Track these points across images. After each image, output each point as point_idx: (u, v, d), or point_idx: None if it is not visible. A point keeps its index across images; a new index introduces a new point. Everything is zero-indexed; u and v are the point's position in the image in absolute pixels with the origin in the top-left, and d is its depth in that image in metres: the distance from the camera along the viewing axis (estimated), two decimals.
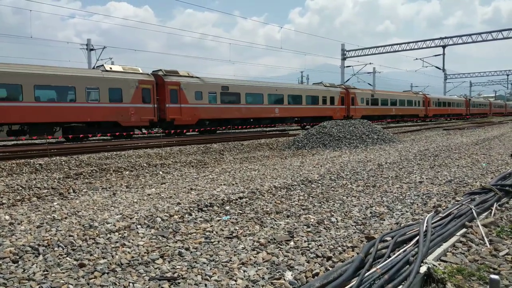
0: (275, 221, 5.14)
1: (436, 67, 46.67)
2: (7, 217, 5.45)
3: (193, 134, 24.62)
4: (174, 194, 6.83)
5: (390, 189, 7.06)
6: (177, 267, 3.65)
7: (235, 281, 3.36)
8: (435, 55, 45.32)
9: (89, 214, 5.53)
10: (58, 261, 3.80)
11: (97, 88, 18.89)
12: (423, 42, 44.30)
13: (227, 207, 5.82)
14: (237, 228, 4.82)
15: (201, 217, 5.31)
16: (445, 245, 3.71)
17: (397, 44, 45.95)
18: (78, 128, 19.04)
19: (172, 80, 21.88)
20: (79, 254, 3.95)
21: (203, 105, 23.18)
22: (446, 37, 43.12)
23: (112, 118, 19.53)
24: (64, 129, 18.87)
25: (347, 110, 34.82)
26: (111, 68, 20.37)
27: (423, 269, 3.03)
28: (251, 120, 26.72)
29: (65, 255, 3.94)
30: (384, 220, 5.12)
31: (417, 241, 3.47)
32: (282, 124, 29.61)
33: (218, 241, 4.36)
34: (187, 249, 4.11)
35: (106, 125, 19.62)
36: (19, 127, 17.41)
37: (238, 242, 4.33)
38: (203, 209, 5.69)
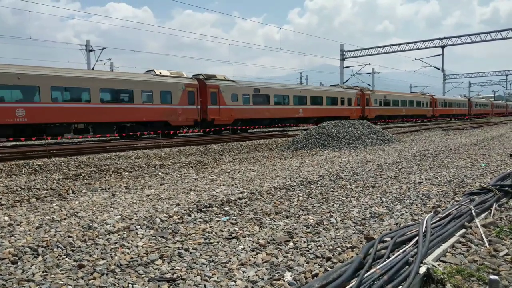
0: (275, 221, 5.14)
1: (435, 67, 46.78)
2: (6, 218, 5.45)
3: (193, 134, 24.67)
4: (174, 195, 6.83)
5: (390, 189, 7.07)
6: (177, 268, 3.65)
7: (235, 282, 3.36)
8: (434, 56, 45.42)
9: (88, 215, 5.52)
10: (57, 262, 3.79)
11: (150, 91, 21.03)
12: (422, 43, 44.36)
13: (227, 208, 5.81)
14: (237, 228, 4.82)
15: (200, 218, 5.31)
16: (445, 246, 3.71)
17: (396, 44, 46.02)
18: (132, 127, 21.05)
19: (212, 83, 24.06)
20: (78, 255, 3.95)
21: (238, 106, 25.36)
22: (445, 38, 43.20)
23: (163, 118, 21.65)
24: (120, 128, 20.77)
25: (363, 110, 36.91)
26: (160, 72, 22.25)
27: (422, 269, 3.03)
28: (278, 119, 28.78)
29: (64, 256, 3.93)
30: (384, 220, 5.12)
31: (417, 242, 3.47)
32: (306, 124, 31.26)
33: (218, 242, 4.35)
34: (186, 249, 4.11)
35: (158, 124, 21.61)
36: (84, 126, 19.39)
37: (237, 243, 4.33)
38: (203, 209, 5.68)
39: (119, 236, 4.54)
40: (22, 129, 17.44)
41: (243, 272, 3.55)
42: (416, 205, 5.87)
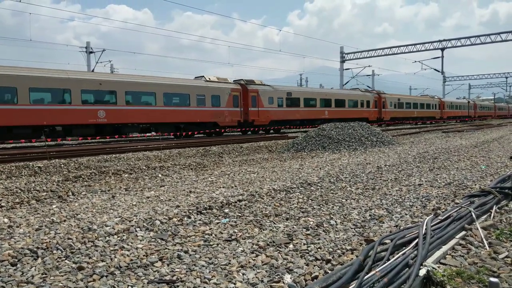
0: (274, 223, 5.13)
1: (435, 69, 46.82)
2: (6, 220, 5.44)
3: (193, 136, 24.68)
4: (173, 197, 6.83)
5: (390, 191, 7.06)
6: (176, 270, 3.65)
7: (234, 284, 3.35)
8: (434, 58, 45.47)
9: (88, 217, 5.52)
10: (57, 264, 3.79)
11: (203, 95, 23.99)
12: (422, 45, 44.43)
13: (226, 210, 5.81)
14: (236, 231, 4.81)
15: (200, 220, 5.30)
16: (445, 248, 3.71)
17: (396, 46, 46.10)
18: (186, 126, 23.71)
19: (252, 88, 27.16)
20: (78, 257, 3.94)
21: (274, 109, 28.43)
22: (445, 40, 43.27)
23: (213, 119, 24.56)
24: (175, 127, 23.37)
25: (379, 112, 40.00)
26: (210, 78, 25.20)
27: (422, 272, 3.02)
28: (306, 121, 31.72)
29: (64, 258, 3.93)
30: (384, 222, 5.12)
31: (417, 244, 3.47)
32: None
33: (217, 244, 4.35)
34: (186, 252, 4.11)
35: (208, 124, 24.52)
36: (148, 126, 22.04)
37: (237, 245, 4.32)
38: (202, 212, 5.68)
39: (118, 238, 4.54)
40: (102, 128, 20.06)
41: (243, 274, 3.54)
42: (416, 207, 5.87)
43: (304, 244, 4.30)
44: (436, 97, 55.98)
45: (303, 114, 30.77)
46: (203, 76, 25.31)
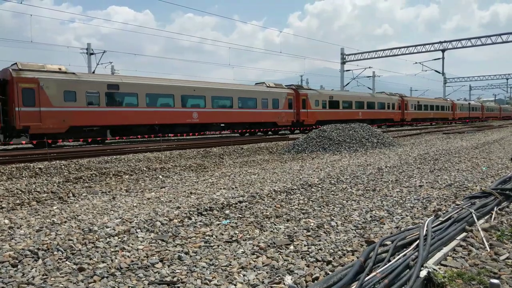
0: (275, 225, 5.13)
1: (436, 71, 46.79)
2: (6, 221, 5.44)
3: (193, 137, 24.71)
4: (174, 198, 6.83)
5: (390, 193, 7.06)
6: (177, 271, 3.65)
7: (235, 285, 3.35)
8: (435, 59, 45.46)
9: (89, 218, 5.52)
10: (58, 265, 3.79)
11: (266, 99, 28.48)
12: (422, 46, 44.42)
13: (227, 211, 5.81)
14: (237, 232, 4.81)
15: (200, 221, 5.30)
16: (445, 249, 3.71)
17: (396, 48, 46.11)
18: (251, 126, 27.81)
19: (302, 92, 31.71)
20: (78, 258, 3.94)
21: (319, 110, 32.84)
22: (445, 41, 43.26)
23: (273, 120, 28.95)
24: (245, 126, 27.66)
25: (402, 113, 44.61)
26: (269, 84, 29.89)
27: (423, 273, 3.02)
28: (344, 121, 35.41)
29: (65, 259, 3.93)
30: (384, 224, 5.11)
31: (417, 245, 3.47)
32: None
33: (218, 245, 4.35)
34: (186, 253, 4.10)
35: (269, 124, 28.61)
36: (225, 125, 26.27)
37: (237, 246, 4.32)
38: (203, 213, 5.68)
39: (119, 239, 4.54)
40: (194, 127, 24.02)
41: (244, 275, 3.54)
42: (417, 208, 5.87)
43: (304, 245, 4.30)
44: (448, 99, 60.50)
45: (341, 115, 34.74)
46: (264, 82, 30.06)
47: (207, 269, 3.69)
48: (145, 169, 10.73)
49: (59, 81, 18.31)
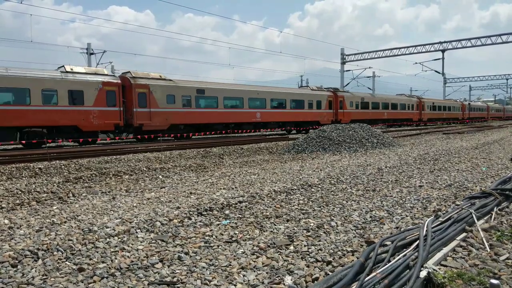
0: (275, 225, 5.13)
1: (436, 71, 46.80)
2: (6, 221, 5.44)
3: (193, 138, 24.75)
4: (174, 198, 6.83)
5: (390, 193, 7.06)
6: (177, 271, 3.64)
7: (235, 285, 3.35)
8: (435, 59, 45.46)
9: (89, 218, 5.52)
10: (57, 265, 3.79)
11: (311, 101, 32.45)
12: (422, 47, 44.42)
13: (227, 211, 5.81)
14: (237, 232, 4.81)
15: (200, 221, 5.30)
16: (445, 250, 3.71)
17: (396, 48, 46.13)
18: (297, 124, 31.19)
19: (340, 94, 36.06)
20: (78, 258, 3.94)
21: (353, 111, 37.00)
22: (445, 42, 43.27)
23: (317, 119, 32.53)
24: (295, 125, 31.01)
25: (420, 114, 48.54)
26: (313, 88, 34.90)
27: (423, 273, 3.02)
28: (373, 120, 40.06)
29: (64, 259, 3.93)
30: (384, 224, 5.11)
31: (417, 246, 3.47)
32: (388, 123, 43.31)
33: (218, 246, 4.35)
34: (186, 253, 4.10)
35: (313, 123, 31.65)
36: (280, 124, 29.70)
37: (237, 247, 4.32)
38: (203, 213, 5.68)
39: (119, 239, 4.54)
40: (257, 125, 27.97)
41: (243, 275, 3.54)
42: (417, 208, 5.87)
43: (304, 245, 4.30)
44: (458, 100, 64.61)
45: (370, 115, 39.42)
46: (308, 86, 36.30)
47: (207, 269, 3.69)
48: (145, 169, 10.73)
49: (163, 87, 22.19)
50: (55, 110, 18.17)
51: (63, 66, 19.70)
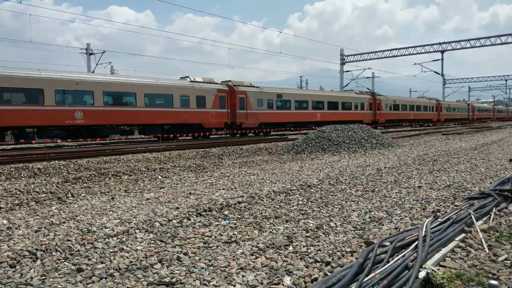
0: (274, 225, 5.13)
1: (435, 72, 46.86)
2: (5, 221, 5.44)
3: (192, 138, 24.80)
4: (173, 199, 6.82)
5: (389, 194, 7.06)
6: (176, 272, 3.64)
7: (234, 286, 3.35)
8: (434, 60, 45.51)
9: (88, 219, 5.51)
10: (56, 265, 3.78)
11: (357, 103, 37.58)
12: (421, 47, 44.47)
13: (226, 212, 5.81)
14: (236, 232, 4.81)
15: (199, 221, 5.30)
16: (444, 250, 3.71)
17: (396, 49, 46.17)
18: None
19: (378, 97, 40.68)
20: (77, 259, 3.94)
21: (387, 112, 42.05)
22: (444, 42, 43.31)
23: (360, 118, 37.28)
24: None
25: (438, 115, 53.77)
26: (356, 92, 39.98)
27: (422, 274, 3.02)
28: (401, 120, 45.48)
29: (63, 260, 3.92)
30: (383, 225, 5.11)
31: (416, 246, 3.47)
32: (415, 123, 48.24)
33: (217, 246, 4.35)
34: (185, 253, 4.10)
35: (357, 122, 34.86)
36: (317, 124, 31.63)
37: (236, 247, 4.32)
38: (202, 213, 5.68)
39: (118, 240, 4.54)
40: (318, 124, 31.00)
41: (243, 276, 3.54)
42: (416, 209, 5.87)
43: (303, 246, 4.30)
44: (467, 102, 70.32)
45: (401, 116, 44.82)
46: (352, 90, 40.97)
47: (206, 270, 3.69)
48: (144, 169, 10.72)
49: (255, 92, 27.51)
50: (188, 111, 23.17)
51: (188, 76, 24.61)
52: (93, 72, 31.64)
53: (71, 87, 18.51)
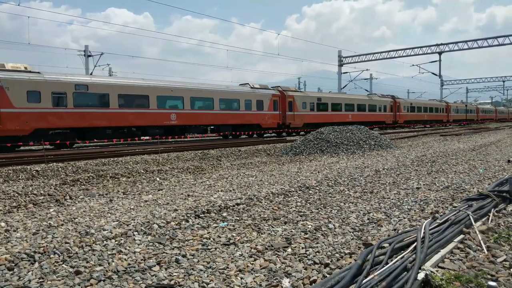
0: (273, 227, 5.12)
1: (433, 73, 47.01)
2: (2, 224, 5.41)
3: (191, 140, 24.78)
4: (171, 201, 6.81)
5: (388, 195, 7.07)
6: (174, 274, 3.63)
7: None
8: (432, 62, 45.68)
9: (86, 221, 5.50)
10: (54, 268, 3.77)
11: (381, 105, 41.15)
12: (419, 49, 44.63)
13: (224, 214, 5.80)
14: (235, 234, 4.80)
15: (198, 223, 5.29)
16: (443, 252, 3.71)
17: (394, 50, 46.27)
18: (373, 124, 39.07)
19: (398, 100, 44.66)
20: (75, 261, 3.92)
21: (406, 113, 45.78)
22: (442, 44, 43.47)
23: (383, 119, 41.53)
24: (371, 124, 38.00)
25: (448, 116, 57.71)
26: (381, 94, 43.32)
27: (421, 275, 3.02)
28: (415, 121, 49.06)
29: (61, 262, 3.91)
30: (382, 226, 5.11)
31: (415, 248, 3.47)
32: (426, 124, 51.95)
33: (215, 248, 4.34)
34: (184, 256, 4.09)
35: (381, 122, 41.13)
36: (367, 123, 36.64)
37: (235, 249, 4.31)
38: (200, 215, 5.67)
39: (116, 242, 4.52)
40: (350, 123, 32.95)
41: (241, 278, 3.53)
42: (414, 210, 5.87)
43: (302, 248, 4.30)
44: (473, 104, 77.62)
45: (415, 117, 47.87)
46: (375, 93, 44.12)
47: (204, 272, 3.68)
48: (142, 171, 10.70)
49: (301, 97, 31.43)
50: (251, 113, 27.31)
51: (248, 83, 28.71)
52: (91, 74, 31.70)
53: (168, 93, 22.50)
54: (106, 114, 19.78)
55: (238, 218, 5.59)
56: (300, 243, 4.44)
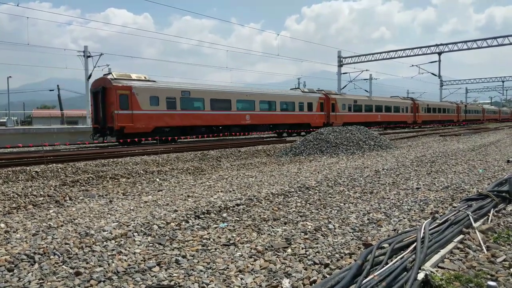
0: (273, 228, 5.13)
1: (432, 73, 47.01)
2: (2, 225, 5.41)
3: (191, 140, 24.78)
4: (171, 201, 6.81)
5: (387, 195, 7.07)
6: (174, 275, 3.63)
7: None
8: (431, 62, 45.68)
9: (86, 222, 5.50)
10: (54, 269, 3.77)
11: (398, 107, 43.97)
12: (419, 49, 44.63)
13: (224, 214, 5.80)
14: (234, 235, 4.80)
15: (198, 224, 5.29)
16: (443, 252, 3.71)
17: (393, 51, 46.31)
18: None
19: (417, 102, 48.29)
20: (75, 262, 3.92)
21: (423, 114, 49.31)
22: (441, 44, 43.47)
23: (403, 119, 44.96)
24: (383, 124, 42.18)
25: (458, 116, 60.89)
26: (401, 97, 46.46)
27: (420, 276, 3.02)
28: (431, 121, 52.44)
29: (61, 263, 3.91)
30: (382, 226, 5.12)
31: (415, 248, 3.47)
32: (442, 124, 55.43)
33: (215, 249, 4.34)
34: (184, 256, 4.09)
35: (400, 122, 44.32)
36: (384, 122, 41.69)
37: (235, 250, 4.31)
38: (200, 216, 5.67)
39: (116, 243, 4.52)
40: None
41: (241, 279, 3.53)
42: (414, 211, 5.88)
43: (302, 248, 4.30)
44: (479, 104, 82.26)
45: (431, 117, 51.65)
46: (398, 96, 47.66)
47: (204, 273, 3.68)
48: (142, 172, 10.70)
49: (341, 99, 35.51)
50: (303, 114, 31.20)
51: (298, 88, 34.72)
52: (90, 75, 31.83)
53: (244, 97, 26.58)
54: (203, 115, 24.08)
55: (238, 218, 5.60)
56: (300, 244, 4.44)
